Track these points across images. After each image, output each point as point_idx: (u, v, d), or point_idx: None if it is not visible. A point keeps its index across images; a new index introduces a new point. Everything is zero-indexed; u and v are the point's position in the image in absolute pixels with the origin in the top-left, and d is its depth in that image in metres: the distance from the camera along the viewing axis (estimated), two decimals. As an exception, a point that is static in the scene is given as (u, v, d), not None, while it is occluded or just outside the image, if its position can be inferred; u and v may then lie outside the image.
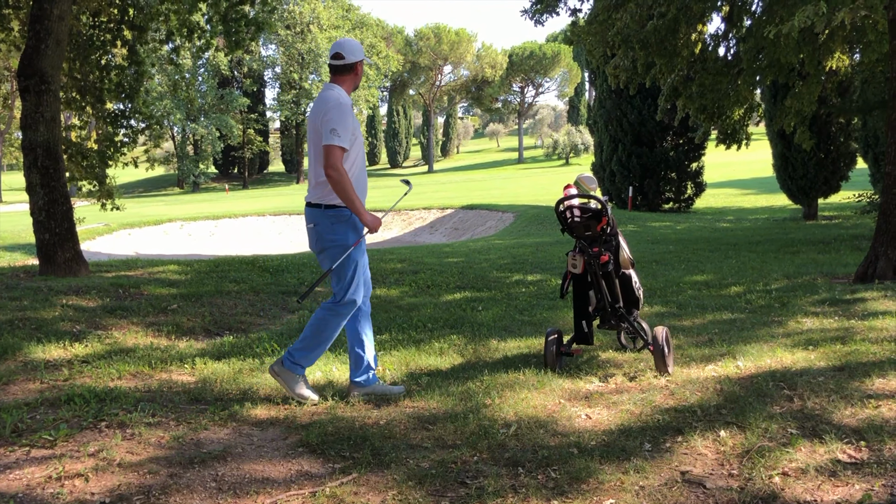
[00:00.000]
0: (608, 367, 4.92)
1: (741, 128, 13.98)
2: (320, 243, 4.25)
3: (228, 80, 66.43)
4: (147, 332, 6.29)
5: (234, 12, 10.30)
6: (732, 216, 24.09)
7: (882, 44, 10.60)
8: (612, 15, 11.89)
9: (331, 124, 4.04)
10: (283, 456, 3.51)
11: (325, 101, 4.16)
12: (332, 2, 67.17)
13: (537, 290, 8.77)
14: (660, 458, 3.36)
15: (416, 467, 3.32)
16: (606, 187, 25.66)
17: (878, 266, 8.36)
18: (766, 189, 30.54)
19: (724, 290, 8.31)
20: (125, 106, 11.04)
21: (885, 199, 8.52)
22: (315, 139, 4.18)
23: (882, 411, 3.76)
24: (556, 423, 3.83)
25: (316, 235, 4.27)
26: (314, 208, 4.24)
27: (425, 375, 4.81)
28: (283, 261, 10.86)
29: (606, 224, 4.66)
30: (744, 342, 5.39)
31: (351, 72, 4.32)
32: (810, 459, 3.26)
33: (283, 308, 7.76)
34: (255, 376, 4.83)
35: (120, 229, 24.73)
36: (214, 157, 66.99)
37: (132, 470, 3.28)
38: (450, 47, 75.81)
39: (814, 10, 8.72)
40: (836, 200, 21.89)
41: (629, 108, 24.65)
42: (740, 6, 12.72)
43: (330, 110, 4.08)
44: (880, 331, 5.52)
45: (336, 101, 4.13)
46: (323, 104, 4.15)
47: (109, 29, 10.46)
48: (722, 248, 13.22)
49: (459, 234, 24.95)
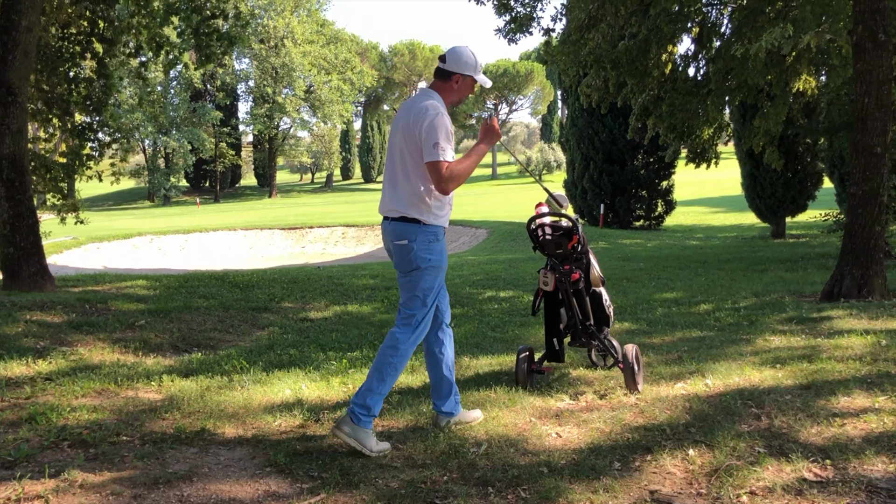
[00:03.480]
0: (579, 384, 4.93)
1: (710, 147, 14.20)
2: (415, 262, 3.83)
3: (201, 93, 66.03)
4: (113, 348, 6.19)
5: (206, 26, 10.25)
6: (702, 234, 24.37)
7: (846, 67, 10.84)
8: (584, 35, 12.05)
9: (435, 138, 3.69)
10: (251, 476, 3.46)
11: (425, 110, 3.78)
12: (307, 17, 67.19)
13: (509, 307, 8.78)
14: (629, 477, 3.36)
15: (385, 487, 3.28)
16: (578, 205, 25.85)
17: (843, 285, 8.49)
18: (735, 207, 30.94)
19: (693, 308, 8.38)
20: (93, 119, 10.91)
21: (851, 218, 8.67)
22: (409, 148, 3.82)
23: (847, 430, 3.80)
24: (527, 442, 3.82)
25: (408, 253, 3.83)
26: (410, 223, 3.83)
27: (396, 394, 4.78)
28: (253, 276, 10.77)
29: (577, 242, 4.68)
30: (713, 360, 5.43)
31: (449, 80, 3.94)
32: (777, 478, 3.28)
33: (252, 324, 7.68)
34: (223, 394, 4.76)
35: (88, 243, 24.42)
36: (186, 170, 66.39)
37: (94, 491, 3.21)
38: (424, 64, 76.18)
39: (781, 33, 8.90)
40: (804, 219, 22.23)
41: (601, 126, 24.89)
42: (710, 28, 12.95)
43: (431, 122, 3.73)
44: (846, 349, 5.59)
45: (436, 111, 3.76)
46: (422, 114, 3.78)
47: (79, 41, 10.36)
48: (691, 266, 13.35)
49: (432, 249, 24.91)
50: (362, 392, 3.78)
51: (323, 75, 65.71)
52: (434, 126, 3.72)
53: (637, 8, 11.65)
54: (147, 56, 11.12)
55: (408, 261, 3.84)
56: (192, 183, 72.44)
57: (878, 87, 8.29)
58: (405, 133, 3.84)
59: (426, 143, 3.72)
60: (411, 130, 3.80)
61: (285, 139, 71.38)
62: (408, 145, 3.83)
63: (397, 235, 3.86)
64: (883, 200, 8.42)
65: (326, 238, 29.33)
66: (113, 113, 11.00)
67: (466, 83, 3.98)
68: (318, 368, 5.48)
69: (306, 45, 64.32)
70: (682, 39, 13.03)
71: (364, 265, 16.14)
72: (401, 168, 3.87)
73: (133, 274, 12.99)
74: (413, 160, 3.81)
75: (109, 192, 66.97)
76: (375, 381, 3.80)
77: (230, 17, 10.95)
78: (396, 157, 3.90)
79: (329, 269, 14.28)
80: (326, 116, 67.17)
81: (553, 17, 13.09)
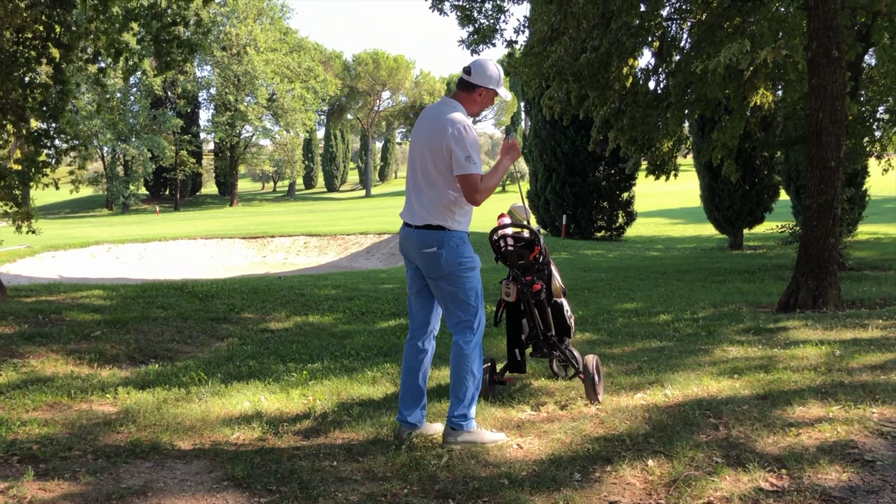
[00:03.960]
0: (540, 395, 4.94)
1: (670, 159, 14.39)
2: (447, 267, 3.91)
3: (162, 100, 65.19)
4: (67, 360, 6.05)
5: (167, 33, 10.10)
6: (662, 245, 24.68)
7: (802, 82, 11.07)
8: (547, 47, 12.15)
9: (465, 151, 3.81)
10: (208, 490, 3.40)
11: (452, 123, 3.86)
12: (270, 24, 66.79)
13: (471, 318, 8.77)
14: (589, 488, 3.37)
15: (345, 500, 3.25)
16: (541, 215, 26.01)
17: (799, 296, 8.65)
18: (694, 219, 31.40)
19: (653, 319, 8.47)
20: (49, 125, 10.66)
21: (806, 230, 8.84)
22: (433, 157, 3.90)
23: (802, 439, 3.86)
24: (488, 454, 3.82)
25: (438, 259, 3.91)
26: (435, 230, 3.92)
27: (357, 405, 4.74)
28: (213, 286, 10.63)
29: (539, 253, 4.70)
30: (672, 370, 5.48)
31: (473, 92, 4.01)
32: (734, 488, 3.31)
33: (211, 335, 7.58)
34: (181, 406, 4.68)
35: (43, 251, 23.87)
36: (145, 178, 65.41)
37: (45, 507, 3.13)
38: (388, 73, 76.18)
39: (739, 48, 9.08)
40: (761, 231, 22.63)
41: (563, 138, 25.11)
42: (670, 42, 13.15)
43: (460, 134, 3.82)
44: (801, 359, 5.69)
45: (462, 123, 3.86)
46: (449, 125, 3.86)
47: (34, 46, 10.13)
48: (651, 277, 13.50)
49: (396, 259, 24.86)
50: (452, 407, 4.01)
51: (286, 83, 65.33)
52: (463, 139, 3.83)
53: (599, 21, 11.78)
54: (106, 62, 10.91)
55: (439, 266, 3.93)
56: (152, 191, 71.43)
57: (833, 103, 8.47)
58: (429, 142, 3.93)
59: (457, 155, 3.82)
60: (436, 140, 3.88)
61: (247, 147, 70.75)
62: (432, 155, 3.92)
63: (424, 243, 3.94)
64: (837, 213, 8.60)
65: (288, 248, 29.07)
66: (70, 119, 10.77)
67: (489, 96, 4.07)
68: (277, 380, 5.42)
69: (269, 53, 63.90)
70: (642, 53, 13.21)
71: (326, 275, 16.04)
72: (423, 177, 3.97)
73: (89, 283, 12.74)
74: (437, 169, 3.91)
75: (66, 199, 65.70)
76: (461, 393, 4.00)
77: (191, 24, 10.82)
78: (418, 166, 4.00)
79: (290, 279, 14.16)
80: (289, 125, 66.74)
81: (516, 29, 13.19)
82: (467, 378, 4.01)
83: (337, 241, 28.80)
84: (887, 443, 3.80)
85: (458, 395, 4.00)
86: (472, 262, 4.00)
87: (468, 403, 4.01)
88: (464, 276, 3.97)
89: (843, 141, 8.75)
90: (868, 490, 3.27)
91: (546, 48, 12.16)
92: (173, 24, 10.10)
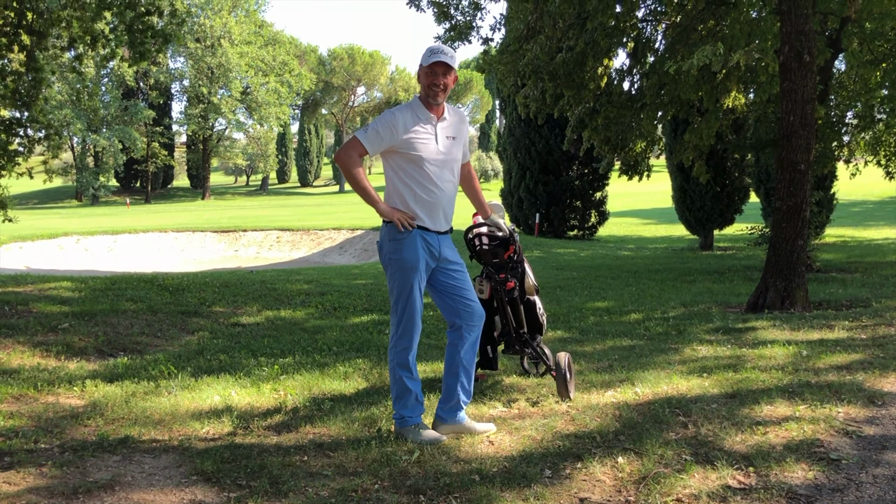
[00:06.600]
0: (512, 392, 4.96)
1: (643, 160, 14.52)
2: (382, 260, 4.13)
3: (133, 91, 64.32)
4: (34, 352, 5.96)
5: (141, 23, 9.96)
6: (633, 244, 24.87)
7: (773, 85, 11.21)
8: (522, 46, 12.18)
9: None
10: (176, 485, 3.36)
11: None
12: (245, 17, 66.20)
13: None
14: (559, 484, 3.39)
15: (315, 496, 3.24)
16: (514, 213, 26.07)
17: (767, 296, 8.77)
18: (666, 219, 31.69)
19: (624, 317, 8.53)
20: (21, 114, 10.49)
21: (775, 232, 8.96)
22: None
23: (769, 437, 3.91)
24: (459, 450, 3.82)
25: (379, 251, 4.15)
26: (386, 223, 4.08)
27: (328, 400, 4.73)
28: (184, 279, 10.52)
29: (514, 252, 4.72)
30: (642, 369, 5.53)
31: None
32: (703, 486, 3.35)
33: (181, 329, 7.51)
34: (149, 400, 4.63)
35: (10, 242, 23.47)
36: (116, 169, 64.42)
37: (9, 501, 3.08)
38: (363, 69, 75.87)
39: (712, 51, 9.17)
40: (731, 232, 22.90)
41: (537, 137, 25.18)
42: (644, 43, 13.25)
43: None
44: (769, 359, 5.77)
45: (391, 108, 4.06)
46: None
47: (5, 33, 9.96)
48: (623, 276, 13.60)
49: (369, 255, 24.82)
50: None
51: (260, 77, 64.80)
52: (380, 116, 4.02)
53: (574, 21, 11.83)
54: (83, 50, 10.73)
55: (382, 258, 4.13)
56: (123, 183, 70.47)
57: (803, 106, 8.60)
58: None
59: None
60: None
61: (220, 140, 70.09)
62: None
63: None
64: (805, 215, 8.73)
65: (260, 242, 28.87)
66: (43, 108, 10.60)
67: (422, 72, 4.00)
68: (248, 374, 5.39)
69: (244, 46, 63.31)
70: (617, 54, 13.29)
71: (298, 270, 15.94)
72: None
73: (57, 275, 12.55)
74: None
75: (35, 189, 64.64)
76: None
77: (165, 14, 10.67)
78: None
79: (262, 273, 14.06)
80: (263, 119, 66.21)
81: (492, 26, 13.21)
82: (392, 377, 4.06)
83: (310, 235, 28.66)
84: (852, 442, 3.87)
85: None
86: (401, 263, 3.98)
87: (398, 405, 4.03)
88: (388, 272, 4.07)
89: (813, 144, 8.88)
90: (833, 488, 3.33)
91: (522, 47, 12.20)
92: (147, 13, 9.96)
